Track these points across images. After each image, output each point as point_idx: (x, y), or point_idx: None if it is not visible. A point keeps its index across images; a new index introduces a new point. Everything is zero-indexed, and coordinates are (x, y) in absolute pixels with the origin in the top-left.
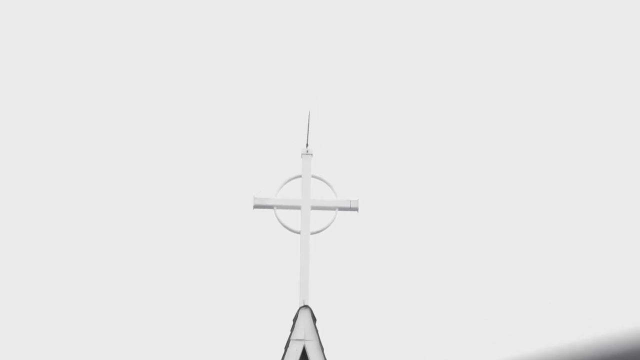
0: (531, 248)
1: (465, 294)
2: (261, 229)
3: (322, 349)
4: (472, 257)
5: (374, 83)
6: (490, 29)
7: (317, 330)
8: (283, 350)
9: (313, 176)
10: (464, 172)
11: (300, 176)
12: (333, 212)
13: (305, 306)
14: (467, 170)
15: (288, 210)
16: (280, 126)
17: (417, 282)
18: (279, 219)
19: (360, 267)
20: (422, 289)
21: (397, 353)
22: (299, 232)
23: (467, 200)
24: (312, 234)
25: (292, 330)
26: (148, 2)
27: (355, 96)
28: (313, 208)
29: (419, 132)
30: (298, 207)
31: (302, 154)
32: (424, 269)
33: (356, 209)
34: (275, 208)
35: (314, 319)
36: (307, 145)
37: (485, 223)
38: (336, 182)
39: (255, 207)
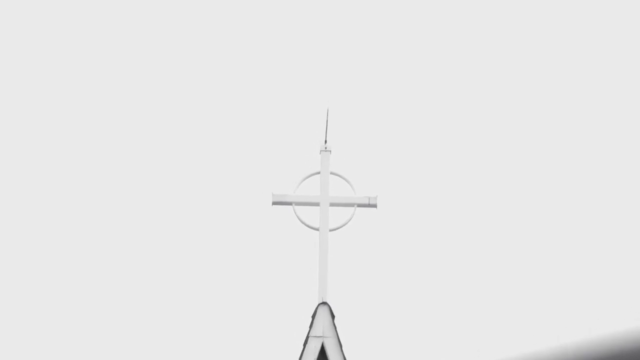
0: (550, 239)
1: (486, 291)
2: (280, 226)
3: (341, 346)
4: (493, 254)
5: (392, 79)
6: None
7: (335, 327)
8: (302, 347)
9: (332, 173)
10: (485, 168)
11: (318, 173)
12: (352, 208)
13: (324, 303)
14: (488, 166)
15: (307, 206)
16: (299, 123)
17: (436, 280)
18: (297, 216)
19: (379, 264)
20: (441, 287)
21: (416, 350)
22: (317, 229)
23: (487, 196)
24: (330, 230)
25: (310, 327)
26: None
27: (374, 92)
28: (332, 205)
29: (439, 128)
30: (317, 204)
31: (320, 151)
32: (443, 266)
33: (375, 206)
34: (293, 205)
35: (333, 316)
36: (325, 141)
37: (507, 220)
38: (355, 178)
39: (274, 203)
